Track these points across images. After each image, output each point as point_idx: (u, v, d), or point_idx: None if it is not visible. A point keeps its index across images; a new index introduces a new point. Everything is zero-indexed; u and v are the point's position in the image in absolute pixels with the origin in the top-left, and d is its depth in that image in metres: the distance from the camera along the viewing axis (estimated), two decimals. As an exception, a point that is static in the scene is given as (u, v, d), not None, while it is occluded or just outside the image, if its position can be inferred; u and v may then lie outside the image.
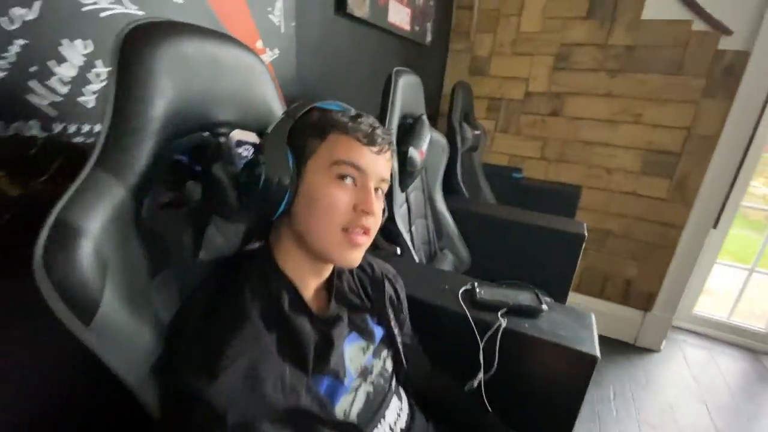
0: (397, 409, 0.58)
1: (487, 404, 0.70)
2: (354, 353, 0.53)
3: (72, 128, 0.58)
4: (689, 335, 2.03)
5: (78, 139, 0.59)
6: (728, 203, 1.66)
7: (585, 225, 1.28)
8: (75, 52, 0.57)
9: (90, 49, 0.58)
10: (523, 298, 0.75)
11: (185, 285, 0.48)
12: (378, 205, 0.49)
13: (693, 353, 1.91)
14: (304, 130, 0.48)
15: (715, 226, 1.70)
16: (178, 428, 0.40)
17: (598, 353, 0.64)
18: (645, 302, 1.89)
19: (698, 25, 1.53)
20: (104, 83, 0.60)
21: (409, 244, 1.06)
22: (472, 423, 0.68)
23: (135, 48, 0.41)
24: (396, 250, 0.58)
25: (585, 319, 0.73)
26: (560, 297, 1.28)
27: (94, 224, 0.35)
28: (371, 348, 0.55)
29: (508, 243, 1.34)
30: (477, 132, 1.66)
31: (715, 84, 1.55)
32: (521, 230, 1.32)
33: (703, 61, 1.54)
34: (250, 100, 0.56)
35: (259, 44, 0.88)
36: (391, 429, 0.55)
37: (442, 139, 1.30)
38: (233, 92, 0.53)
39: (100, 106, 0.60)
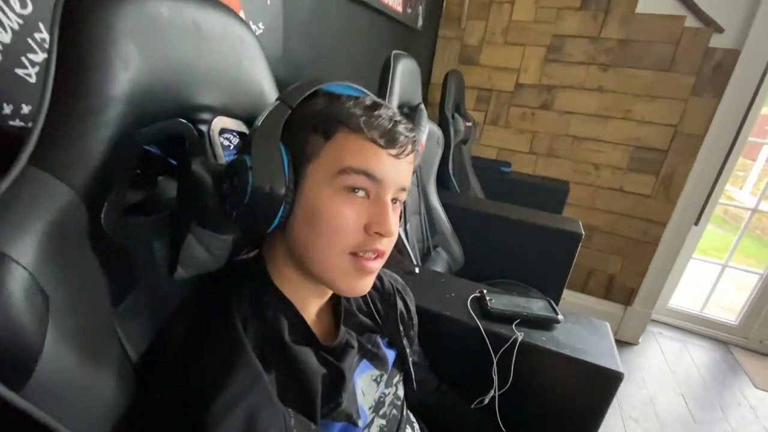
0: (410, 440, 0.51)
1: (500, 422, 0.64)
2: (366, 386, 0.45)
3: (7, 109, 0.46)
4: (664, 327, 2.09)
5: (16, 123, 0.47)
6: (709, 200, 1.69)
7: (580, 223, 1.25)
8: (9, 11, 0.44)
9: (30, 7, 0.46)
10: (537, 307, 0.69)
11: (160, 312, 0.38)
12: (395, 221, 0.39)
13: (668, 345, 1.96)
14: (305, 123, 0.37)
15: (696, 222, 1.73)
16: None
17: (622, 369, 0.59)
18: (626, 297, 1.92)
19: (691, 22, 1.51)
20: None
21: (405, 242, 0.98)
22: (485, 444, 0.62)
23: (84, 4, 0.30)
24: (415, 269, 0.50)
25: (601, 329, 0.69)
26: (555, 296, 1.26)
27: (28, 247, 0.25)
28: (384, 377, 0.48)
29: (503, 241, 1.29)
30: (469, 124, 1.59)
31: (704, 82, 1.55)
32: (515, 227, 1.27)
33: (694, 58, 1.54)
34: (237, 81, 0.46)
35: (240, 16, 0.76)
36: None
37: (437, 130, 1.22)
38: (218, 69, 0.43)
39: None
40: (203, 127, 0.44)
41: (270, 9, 0.82)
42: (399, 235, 0.97)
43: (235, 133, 0.51)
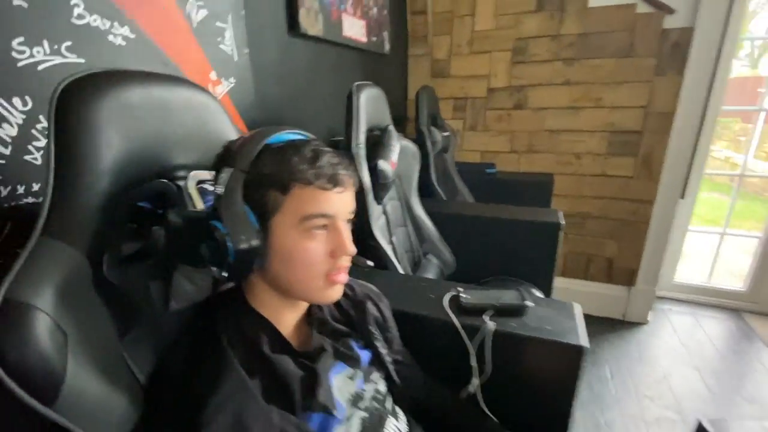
0: (395, 429, 0.58)
1: (486, 409, 0.70)
2: (341, 383, 0.52)
3: (20, 189, 0.56)
4: (673, 303, 2.09)
5: (29, 199, 0.57)
6: (692, 173, 1.73)
7: (561, 213, 1.31)
8: (13, 110, 0.54)
9: (30, 105, 0.56)
10: (508, 297, 0.75)
11: (160, 339, 0.46)
12: (351, 240, 0.48)
13: (679, 320, 1.96)
14: (261, 183, 0.44)
15: (682, 195, 1.76)
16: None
17: (584, 343, 0.65)
18: (628, 278, 1.94)
19: (642, 8, 1.59)
20: (51, 138, 0.58)
21: (391, 255, 1.05)
22: (474, 431, 0.68)
23: (72, 103, 0.39)
24: (367, 263, 0.58)
25: (569, 310, 0.74)
26: (546, 286, 1.30)
27: (48, 298, 0.33)
28: (359, 374, 0.55)
29: (489, 240, 1.35)
30: (446, 133, 1.68)
31: (665, 62, 1.62)
32: (499, 226, 1.33)
33: (651, 41, 1.61)
34: (206, 139, 0.55)
35: (213, 75, 0.86)
36: (391, 450, 0.54)
37: (411, 146, 1.31)
38: (187, 134, 0.52)
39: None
40: (181, 183, 0.52)
41: (238, 64, 0.92)
42: (379, 243, 1.04)
43: (210, 182, 0.59)
